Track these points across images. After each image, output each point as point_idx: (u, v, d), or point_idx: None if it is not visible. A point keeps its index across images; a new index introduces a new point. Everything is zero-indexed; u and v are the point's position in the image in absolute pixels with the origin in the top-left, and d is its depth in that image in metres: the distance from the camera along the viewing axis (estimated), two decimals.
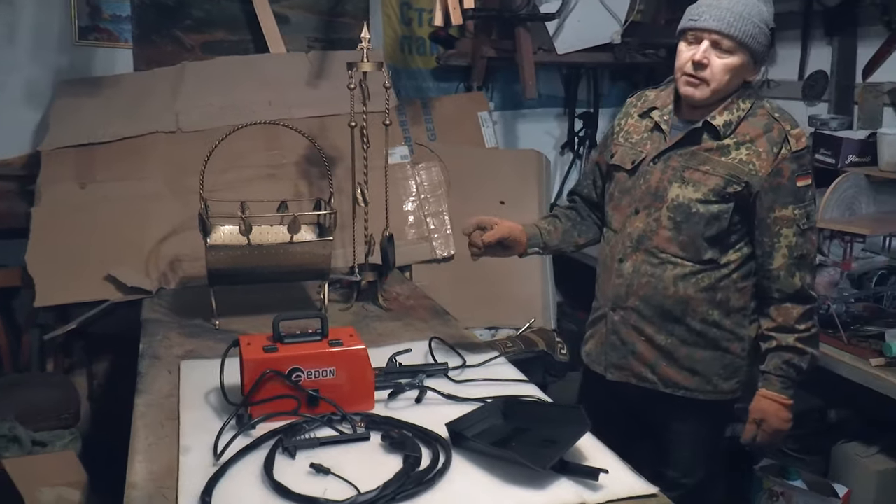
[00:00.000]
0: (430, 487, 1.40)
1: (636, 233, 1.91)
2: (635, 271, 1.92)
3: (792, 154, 1.78)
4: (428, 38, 3.75)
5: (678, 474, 1.96)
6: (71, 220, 2.72)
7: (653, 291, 1.90)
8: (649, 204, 1.89)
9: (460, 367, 1.98)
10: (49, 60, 3.10)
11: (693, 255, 1.86)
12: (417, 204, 3.28)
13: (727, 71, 1.77)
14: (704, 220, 1.83)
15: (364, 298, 2.59)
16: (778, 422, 1.88)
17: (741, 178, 1.79)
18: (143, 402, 1.78)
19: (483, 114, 3.65)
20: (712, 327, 1.90)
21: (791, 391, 1.87)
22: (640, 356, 1.95)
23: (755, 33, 1.75)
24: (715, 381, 1.92)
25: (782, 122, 1.81)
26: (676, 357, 1.92)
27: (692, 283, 1.87)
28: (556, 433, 1.53)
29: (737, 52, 1.76)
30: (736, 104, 1.83)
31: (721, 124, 1.81)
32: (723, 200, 1.81)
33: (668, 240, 1.87)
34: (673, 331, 1.91)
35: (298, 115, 3.15)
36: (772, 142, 1.79)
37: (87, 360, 2.97)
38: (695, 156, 1.84)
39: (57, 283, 2.59)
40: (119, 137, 2.90)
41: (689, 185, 1.83)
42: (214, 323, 2.31)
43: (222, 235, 2.40)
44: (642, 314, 1.92)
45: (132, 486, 1.42)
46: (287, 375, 1.65)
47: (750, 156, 1.79)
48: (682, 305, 1.88)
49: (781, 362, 1.85)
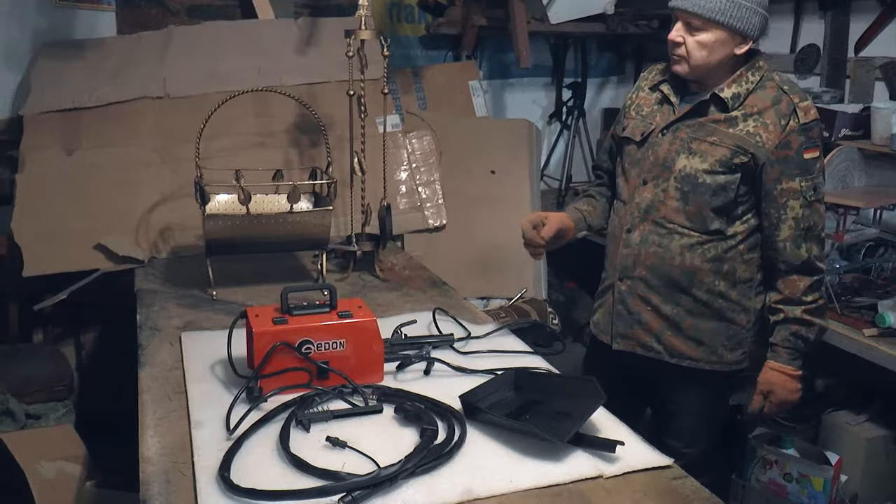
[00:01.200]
0: (449, 460, 1.40)
1: (644, 203, 1.93)
2: (643, 241, 1.94)
3: (800, 126, 1.80)
4: (416, 5, 3.69)
5: (681, 444, 1.98)
6: (58, 187, 2.66)
7: (660, 261, 1.92)
8: (657, 174, 1.92)
9: (465, 339, 1.98)
10: (27, 21, 2.97)
11: (700, 226, 1.88)
12: (409, 173, 3.26)
13: (701, 47, 1.80)
14: (711, 190, 1.85)
15: (360, 268, 2.58)
16: (785, 393, 1.91)
17: (747, 150, 1.81)
18: (148, 375, 1.75)
19: (474, 83, 3.60)
20: (718, 298, 1.91)
21: (799, 362, 1.90)
22: (646, 326, 1.97)
23: (725, 8, 1.75)
24: (720, 351, 1.94)
25: (791, 95, 1.82)
26: (682, 327, 1.94)
27: (698, 254, 1.89)
28: (569, 405, 1.53)
29: (709, 29, 1.78)
30: (745, 77, 1.84)
31: (729, 97, 1.83)
32: (729, 171, 1.83)
33: (676, 210, 1.89)
34: (679, 301, 1.93)
35: (289, 83, 3.09)
36: (780, 114, 1.80)
37: (76, 330, 2.91)
38: (702, 127, 1.86)
39: (45, 253, 2.54)
40: (105, 102, 2.83)
41: (696, 155, 1.86)
42: (211, 293, 2.28)
43: (218, 204, 2.36)
44: (649, 284, 1.95)
45: (146, 461, 1.40)
46: (297, 348, 1.63)
47: (757, 128, 1.81)
48: (688, 276, 1.91)
49: (789, 334, 1.87)
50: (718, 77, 1.85)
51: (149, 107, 2.88)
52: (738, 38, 1.81)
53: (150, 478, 1.35)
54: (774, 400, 1.92)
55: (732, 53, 1.82)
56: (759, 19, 1.80)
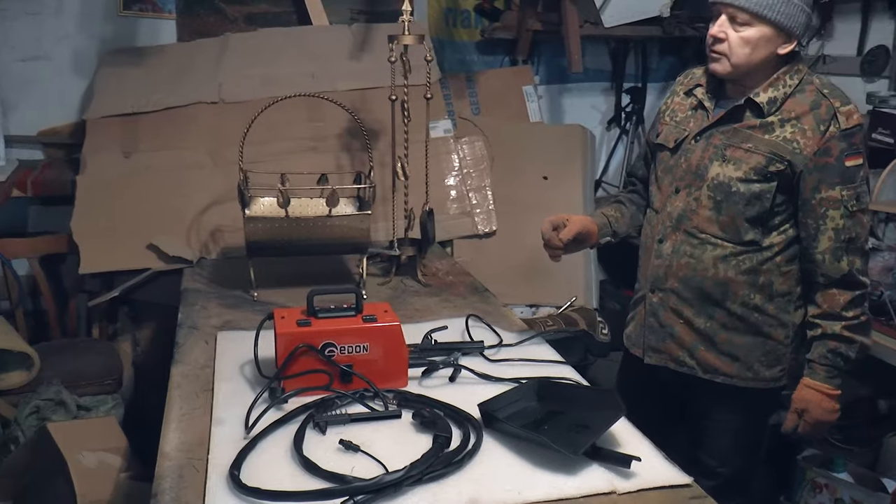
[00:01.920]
0: (459, 468, 1.38)
1: (676, 212, 1.88)
2: (674, 252, 1.88)
3: (841, 132, 1.70)
4: (473, 10, 3.69)
5: (715, 462, 1.91)
6: (115, 188, 2.77)
7: (692, 273, 1.86)
8: (690, 183, 1.85)
9: (496, 346, 1.96)
10: (94, 30, 3.13)
11: (733, 236, 1.81)
12: (460, 178, 3.25)
13: (745, 44, 1.71)
14: (745, 199, 1.77)
15: (403, 273, 2.58)
16: (821, 412, 1.81)
17: (784, 157, 1.73)
18: (179, 373, 1.80)
19: (528, 88, 3.58)
20: (754, 311, 1.84)
21: (837, 381, 1.80)
22: (679, 339, 1.91)
23: (773, 4, 1.67)
24: (756, 367, 1.87)
25: (831, 99, 1.72)
26: (715, 341, 1.87)
27: (732, 265, 1.82)
28: (589, 417, 1.50)
29: (755, 24, 1.70)
30: (782, 80, 1.76)
31: (765, 101, 1.75)
32: (764, 180, 1.75)
33: (709, 219, 1.82)
34: (712, 314, 1.86)
35: (341, 88, 3.13)
36: (819, 119, 1.71)
37: (132, 327, 3.02)
38: (737, 133, 1.79)
39: (101, 251, 2.64)
40: (162, 107, 2.93)
41: (730, 163, 1.78)
42: (253, 294, 2.32)
43: (262, 207, 2.41)
44: (681, 296, 1.88)
45: (164, 456, 1.43)
46: (320, 350, 1.64)
47: (794, 134, 1.73)
48: (721, 288, 1.83)
49: (826, 351, 1.78)
50: (757, 79, 1.77)
51: (203, 111, 2.97)
52: (783, 37, 1.72)
53: (164, 472, 1.38)
54: (809, 419, 1.82)
55: (775, 53, 1.74)
56: (804, 18, 1.72)
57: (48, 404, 2.33)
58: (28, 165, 3.01)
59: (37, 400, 2.34)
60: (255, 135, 2.77)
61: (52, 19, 3.09)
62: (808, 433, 1.86)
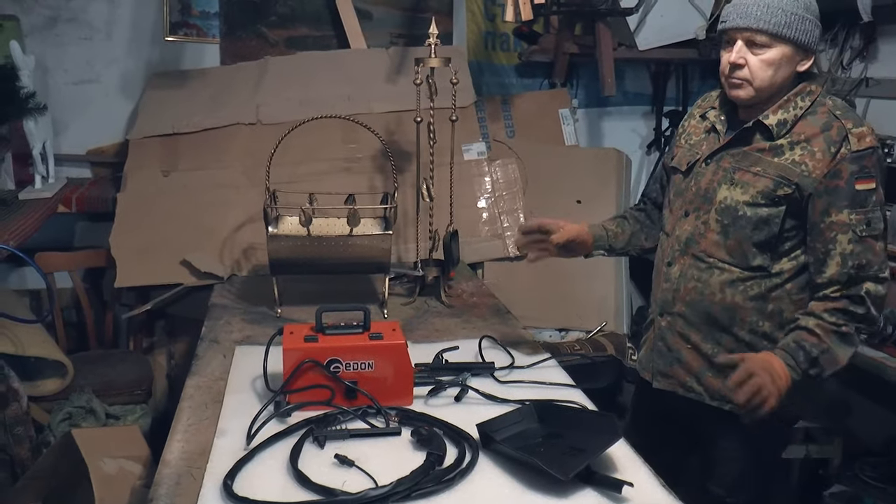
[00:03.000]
0: (449, 487, 1.39)
1: (684, 236, 1.86)
2: (682, 276, 1.86)
3: (852, 154, 1.65)
4: (512, 33, 3.71)
5: (723, 492, 1.86)
6: (153, 205, 2.87)
7: (699, 297, 1.83)
8: (699, 206, 1.83)
9: (507, 368, 1.96)
10: (142, 54, 3.27)
11: (741, 261, 1.77)
12: (492, 201, 3.26)
13: (767, 66, 1.69)
14: (752, 223, 1.74)
15: (428, 294, 2.60)
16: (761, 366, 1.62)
17: (791, 180, 1.69)
18: (193, 384, 1.85)
19: (564, 111, 3.58)
20: (762, 339, 1.79)
21: (793, 372, 1.64)
22: (686, 364, 1.88)
23: (790, 21, 1.65)
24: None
25: (843, 121, 1.68)
26: (723, 368, 1.81)
27: (740, 291, 1.78)
28: (585, 441, 1.49)
29: (774, 45, 1.67)
30: (793, 102, 1.73)
31: (774, 123, 1.72)
32: (772, 204, 1.72)
33: (716, 244, 1.80)
34: (720, 339, 1.82)
35: (377, 110, 3.19)
36: (829, 141, 1.67)
37: (168, 341, 3.11)
38: (747, 156, 1.76)
39: (137, 266, 2.73)
40: (202, 128, 3.03)
41: (737, 186, 1.76)
42: (277, 311, 2.37)
43: (288, 226, 2.46)
44: (688, 320, 1.86)
45: (165, 464, 1.48)
46: (325, 366, 1.67)
47: (804, 156, 1.69)
48: (729, 313, 1.80)
49: (791, 340, 1.68)
50: (772, 107, 1.74)
51: (241, 132, 3.06)
52: (801, 53, 1.70)
53: (162, 479, 1.42)
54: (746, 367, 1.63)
55: (795, 71, 1.71)
56: (819, 32, 1.70)
57: (79, 411, 2.42)
58: (75, 183, 3.14)
59: (69, 407, 2.43)
60: (291, 155, 2.87)
61: (102, 44, 3.24)
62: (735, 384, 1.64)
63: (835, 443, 2.52)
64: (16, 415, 2.22)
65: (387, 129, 3.06)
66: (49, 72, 3.20)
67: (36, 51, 3.03)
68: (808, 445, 2.53)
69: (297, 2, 3.38)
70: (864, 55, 3.01)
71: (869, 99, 3.00)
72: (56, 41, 3.20)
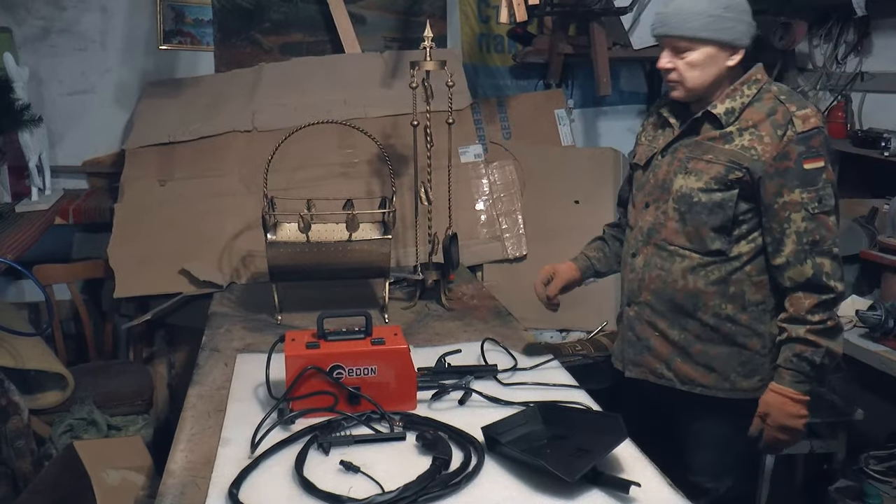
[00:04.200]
0: (456, 491, 1.38)
1: (646, 226, 1.92)
2: (646, 265, 1.92)
3: (798, 136, 1.72)
4: (506, 35, 3.71)
5: (702, 478, 1.90)
6: (150, 215, 2.86)
7: (663, 285, 1.89)
8: (658, 197, 1.90)
9: (510, 370, 1.96)
10: (136, 63, 3.27)
11: (699, 246, 1.84)
12: (490, 203, 3.26)
13: (692, 68, 1.77)
14: (707, 209, 1.80)
15: (428, 297, 2.60)
16: (783, 417, 1.76)
17: (742, 164, 1.76)
18: (195, 393, 1.84)
19: (560, 111, 3.58)
20: (726, 322, 1.84)
21: (804, 386, 1.76)
22: (655, 352, 1.93)
23: (706, 24, 1.73)
24: (733, 378, 1.86)
25: (787, 105, 1.75)
26: (690, 353, 1.89)
27: (701, 276, 1.84)
28: (591, 442, 1.48)
29: (696, 48, 1.76)
30: (739, 90, 1.80)
31: (722, 112, 1.79)
32: (725, 188, 1.78)
33: (676, 231, 1.86)
34: (686, 325, 1.88)
35: (373, 115, 3.18)
36: (776, 125, 1.74)
37: (168, 350, 3.10)
38: (699, 146, 1.84)
39: (135, 276, 2.72)
40: (198, 136, 3.02)
41: (692, 174, 1.83)
42: (277, 318, 2.36)
43: (287, 233, 2.45)
44: (655, 308, 1.92)
45: (169, 474, 1.47)
46: (328, 372, 1.66)
47: (752, 141, 1.76)
48: (692, 299, 1.86)
49: (792, 355, 1.76)
50: (718, 93, 1.81)
51: (237, 140, 3.05)
52: (728, 50, 1.76)
53: (167, 489, 1.41)
54: (771, 423, 1.78)
55: (726, 67, 1.78)
56: (744, 27, 1.76)
57: (81, 423, 2.41)
58: (72, 194, 3.13)
59: (70, 419, 2.42)
60: (288, 161, 2.86)
61: (97, 54, 3.23)
62: (772, 439, 1.81)
63: (839, 437, 2.52)
64: (17, 428, 2.21)
65: (383, 134, 3.06)
66: (43, 83, 3.19)
67: (30, 62, 3.02)
68: (812, 441, 2.53)
69: (291, 8, 3.38)
70: (858, 49, 3.01)
71: (864, 93, 3.00)
72: (50, 52, 3.20)
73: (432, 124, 2.51)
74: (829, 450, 2.54)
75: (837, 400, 2.53)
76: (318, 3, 3.39)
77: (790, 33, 3.02)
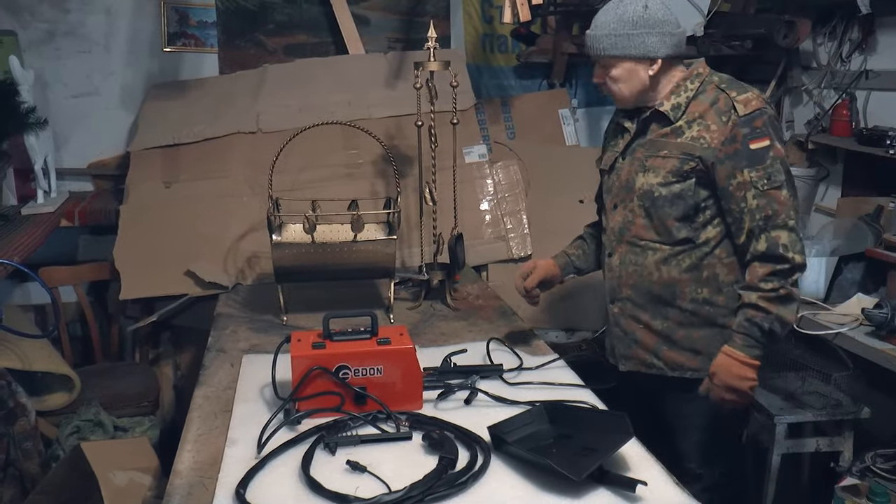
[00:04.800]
0: (463, 490, 1.38)
1: (617, 226, 2.01)
2: (622, 263, 2.01)
3: (741, 119, 1.81)
4: (510, 35, 3.71)
5: (693, 465, 1.95)
6: (156, 217, 2.87)
7: (639, 279, 1.98)
8: (624, 197, 1.99)
9: (516, 370, 1.96)
10: (141, 66, 3.28)
11: (667, 238, 1.92)
12: (495, 203, 3.26)
13: (615, 82, 1.91)
14: (668, 201, 1.89)
15: (433, 297, 2.60)
16: (730, 377, 1.82)
17: (694, 155, 1.85)
18: (202, 394, 1.85)
19: (564, 111, 3.58)
20: (704, 305, 1.93)
21: (754, 351, 1.82)
22: (643, 344, 2.01)
23: (615, 43, 1.85)
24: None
25: (728, 92, 1.84)
26: (675, 339, 1.96)
27: (674, 265, 1.93)
28: (597, 441, 1.48)
29: (614, 65, 1.89)
30: (683, 86, 1.89)
31: (669, 109, 1.89)
32: (682, 179, 1.87)
33: (644, 227, 1.95)
34: (666, 314, 1.96)
35: (376, 116, 3.19)
36: (719, 112, 1.83)
37: (174, 352, 3.10)
38: (654, 143, 1.93)
39: (141, 278, 2.73)
40: (202, 138, 3.03)
41: (650, 171, 1.92)
42: (283, 319, 2.37)
43: (292, 233, 2.46)
44: (635, 302, 2.00)
45: (176, 475, 1.47)
46: (334, 372, 1.67)
47: (701, 131, 1.85)
48: (669, 288, 1.94)
49: (744, 319, 1.83)
50: (660, 95, 1.91)
51: (241, 141, 3.06)
52: (645, 62, 1.86)
53: (174, 490, 1.42)
54: (718, 382, 1.84)
55: (648, 76, 1.87)
56: (655, 39, 1.84)
57: (87, 425, 2.41)
58: (77, 196, 3.14)
59: (77, 420, 2.43)
60: (292, 163, 2.87)
61: (101, 57, 3.25)
62: (719, 398, 1.86)
63: (845, 436, 2.52)
64: (24, 430, 2.22)
65: (387, 134, 3.06)
66: (48, 86, 3.21)
67: (35, 65, 3.03)
68: (818, 439, 2.53)
69: (295, 9, 3.39)
70: (862, 47, 3.00)
71: (869, 91, 2.99)
72: (55, 55, 3.21)
73: (436, 125, 2.51)
74: (836, 448, 2.53)
75: (844, 398, 2.52)
76: (321, 5, 3.40)
77: (794, 31, 3.02)
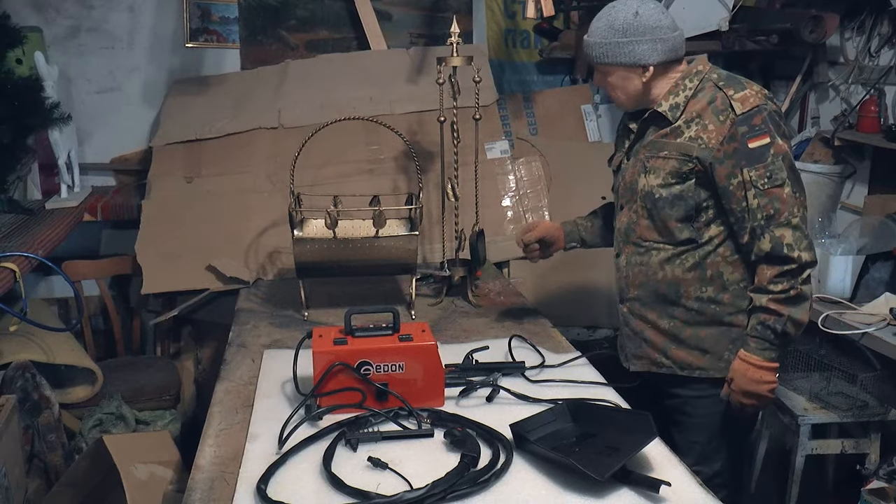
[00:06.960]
0: (485, 488, 1.37)
1: (623, 227, 2.02)
2: (628, 263, 2.01)
3: (739, 117, 1.78)
4: (532, 30, 3.69)
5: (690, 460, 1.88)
6: (177, 212, 2.88)
7: (645, 279, 1.98)
8: (629, 199, 1.99)
9: (538, 367, 1.95)
10: (163, 61, 3.29)
11: (670, 238, 1.92)
12: (517, 199, 3.24)
13: (613, 87, 1.92)
14: (669, 202, 1.89)
15: (455, 294, 2.59)
16: (747, 382, 1.82)
17: (692, 155, 1.83)
18: (223, 389, 1.85)
19: (586, 107, 3.55)
20: (709, 304, 1.91)
21: (769, 353, 1.81)
22: (652, 343, 2.00)
23: (605, 52, 1.85)
24: (727, 357, 1.90)
25: (725, 90, 1.82)
26: (682, 338, 1.95)
27: (677, 265, 1.92)
28: (621, 440, 1.46)
29: (608, 71, 1.89)
30: (682, 85, 1.87)
31: (667, 109, 1.88)
32: (682, 180, 1.86)
33: (647, 228, 1.95)
34: (672, 313, 1.95)
35: (398, 111, 3.18)
36: (717, 111, 1.81)
37: (195, 346, 3.12)
38: (654, 144, 1.92)
39: (163, 272, 2.74)
40: (224, 133, 3.04)
41: (651, 173, 1.91)
42: (304, 314, 2.37)
43: (314, 229, 2.45)
44: (643, 302, 2.00)
45: (197, 469, 1.47)
46: (356, 368, 1.66)
47: (698, 131, 1.83)
48: (674, 288, 1.93)
49: (756, 323, 1.82)
50: (663, 95, 1.89)
51: (263, 137, 3.06)
52: (637, 69, 1.85)
53: (196, 484, 1.42)
54: (735, 388, 1.84)
55: (642, 82, 1.87)
56: (646, 47, 1.82)
57: (109, 418, 2.43)
58: (100, 191, 3.16)
59: (99, 413, 2.44)
60: (314, 158, 2.87)
61: (124, 53, 3.26)
62: (737, 404, 1.87)
63: (871, 438, 2.48)
64: (48, 422, 2.24)
65: (409, 130, 3.05)
66: (72, 81, 3.23)
67: (59, 61, 3.05)
68: (844, 441, 2.50)
69: (317, 5, 3.39)
70: (892, 42, 2.94)
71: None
72: (78, 51, 3.23)
73: (459, 120, 2.50)
74: (862, 450, 2.49)
75: (871, 400, 2.48)
76: (343, 0, 3.39)
77: (821, 26, 2.97)
